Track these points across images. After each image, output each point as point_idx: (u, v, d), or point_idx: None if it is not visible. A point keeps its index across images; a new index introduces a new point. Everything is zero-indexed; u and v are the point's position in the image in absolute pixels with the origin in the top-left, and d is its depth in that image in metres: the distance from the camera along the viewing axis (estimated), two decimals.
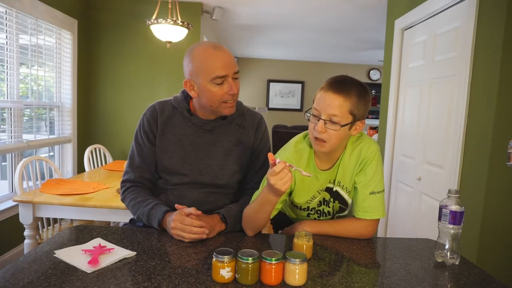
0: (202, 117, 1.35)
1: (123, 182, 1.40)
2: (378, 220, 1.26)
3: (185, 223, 1.15)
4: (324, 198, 1.33)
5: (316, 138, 1.18)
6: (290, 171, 1.06)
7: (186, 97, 1.38)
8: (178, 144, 1.35)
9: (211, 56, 1.23)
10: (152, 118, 1.37)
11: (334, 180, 1.29)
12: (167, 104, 1.39)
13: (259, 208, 1.18)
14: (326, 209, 1.34)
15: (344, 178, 1.28)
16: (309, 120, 1.21)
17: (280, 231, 1.40)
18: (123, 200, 1.39)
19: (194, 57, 1.25)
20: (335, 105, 1.13)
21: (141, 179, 1.38)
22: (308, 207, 1.34)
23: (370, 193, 1.24)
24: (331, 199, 1.32)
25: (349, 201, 1.31)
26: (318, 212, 1.36)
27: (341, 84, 1.15)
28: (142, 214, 1.28)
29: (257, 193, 1.25)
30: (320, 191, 1.30)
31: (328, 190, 1.31)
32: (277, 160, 1.06)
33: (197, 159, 1.35)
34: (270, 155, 1.08)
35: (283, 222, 1.44)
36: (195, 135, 1.35)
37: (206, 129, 1.36)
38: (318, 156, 1.27)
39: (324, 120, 1.14)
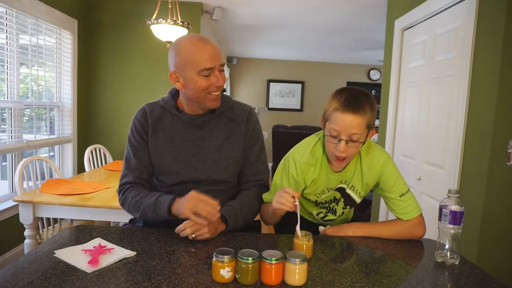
0: (191, 112, 1.35)
1: (121, 185, 1.37)
2: (422, 216, 1.29)
3: (202, 198, 1.15)
4: (334, 197, 1.37)
5: (337, 157, 1.21)
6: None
7: (174, 95, 1.40)
8: (169, 143, 1.35)
9: (198, 48, 1.24)
10: (143, 119, 1.37)
11: (347, 183, 1.33)
12: (155, 105, 1.41)
13: (272, 215, 1.30)
14: (335, 206, 1.40)
15: (358, 183, 1.33)
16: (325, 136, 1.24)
17: (322, 228, 1.39)
18: (123, 201, 1.34)
19: (180, 50, 1.26)
20: (355, 124, 1.16)
21: (140, 179, 1.36)
22: (317, 201, 1.38)
23: (400, 196, 1.28)
24: (341, 198, 1.37)
25: (358, 201, 1.38)
26: (328, 208, 1.40)
27: (356, 103, 1.17)
28: (148, 206, 1.25)
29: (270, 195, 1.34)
30: (329, 189, 1.34)
31: (340, 190, 1.35)
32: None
33: (190, 156, 1.34)
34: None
35: (283, 222, 1.44)
36: (186, 132, 1.35)
37: (196, 125, 1.36)
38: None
39: (346, 140, 1.17)
